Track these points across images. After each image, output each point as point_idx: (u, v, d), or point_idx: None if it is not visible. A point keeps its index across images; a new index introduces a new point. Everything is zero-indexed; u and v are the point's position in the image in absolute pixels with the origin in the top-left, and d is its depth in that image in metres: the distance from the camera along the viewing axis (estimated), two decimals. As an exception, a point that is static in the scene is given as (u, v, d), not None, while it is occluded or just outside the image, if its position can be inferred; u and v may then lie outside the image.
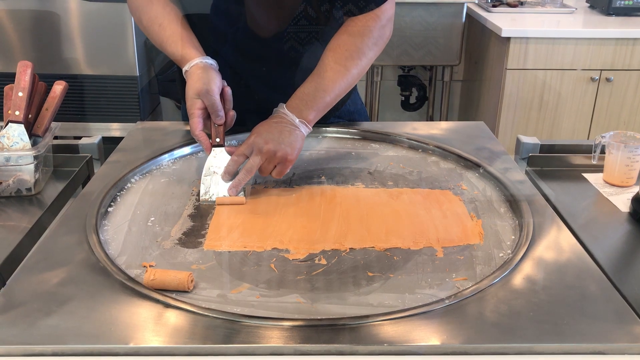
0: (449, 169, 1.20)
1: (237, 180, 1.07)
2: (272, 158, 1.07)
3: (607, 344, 0.72)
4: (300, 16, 1.29)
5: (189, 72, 1.13)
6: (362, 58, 1.17)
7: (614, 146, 1.15)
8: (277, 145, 1.06)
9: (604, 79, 2.71)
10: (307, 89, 1.14)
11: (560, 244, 0.92)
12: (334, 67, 1.15)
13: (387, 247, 0.92)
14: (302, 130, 1.12)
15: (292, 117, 1.11)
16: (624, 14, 2.90)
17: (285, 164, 1.08)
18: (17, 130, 1.10)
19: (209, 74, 1.11)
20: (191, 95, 1.10)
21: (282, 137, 1.08)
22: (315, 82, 1.14)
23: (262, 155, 1.06)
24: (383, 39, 1.21)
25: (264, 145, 1.06)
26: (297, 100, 1.14)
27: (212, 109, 1.10)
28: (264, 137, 1.07)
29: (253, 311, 0.77)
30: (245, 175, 1.06)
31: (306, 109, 1.12)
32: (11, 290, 0.80)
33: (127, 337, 0.71)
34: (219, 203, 1.05)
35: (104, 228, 0.97)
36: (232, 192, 1.07)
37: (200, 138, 1.10)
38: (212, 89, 1.09)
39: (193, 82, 1.11)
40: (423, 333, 0.73)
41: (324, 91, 1.14)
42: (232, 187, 1.07)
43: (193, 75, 1.12)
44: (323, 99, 1.14)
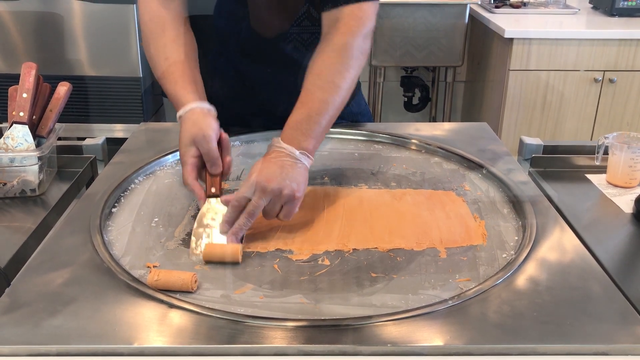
0: (452, 169, 1.20)
1: (237, 226, 0.93)
2: (278, 198, 0.94)
3: (610, 345, 0.72)
4: (303, 17, 1.29)
5: (184, 117, 1.04)
6: (350, 70, 1.07)
7: (617, 147, 1.15)
8: (281, 182, 0.94)
9: (607, 80, 2.71)
10: (298, 116, 1.02)
11: (564, 245, 0.92)
12: (322, 86, 1.05)
13: (391, 248, 0.92)
14: (305, 163, 0.99)
15: (292, 149, 0.98)
16: (627, 14, 2.90)
17: (293, 203, 0.95)
18: (22, 131, 1.10)
19: (206, 120, 1.02)
20: (185, 142, 1.01)
21: (284, 172, 0.95)
22: (307, 107, 1.03)
23: (266, 196, 0.93)
24: (366, 49, 1.11)
25: (267, 184, 0.93)
26: (291, 131, 1.01)
27: (208, 157, 1.00)
28: (264, 175, 0.94)
29: (256, 311, 0.77)
30: (247, 220, 0.93)
31: (304, 139, 1.00)
32: (16, 290, 0.80)
33: (131, 337, 0.72)
34: (207, 258, 0.89)
35: (108, 229, 0.97)
36: (232, 240, 0.92)
37: (194, 188, 1.00)
38: (209, 135, 1.00)
39: (188, 127, 1.01)
40: (426, 334, 0.73)
41: (318, 114, 1.02)
42: (231, 235, 0.93)
43: (188, 121, 1.03)
44: (318, 123, 1.02)
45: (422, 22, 2.86)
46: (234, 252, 0.88)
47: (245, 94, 1.21)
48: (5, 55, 2.61)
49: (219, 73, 1.20)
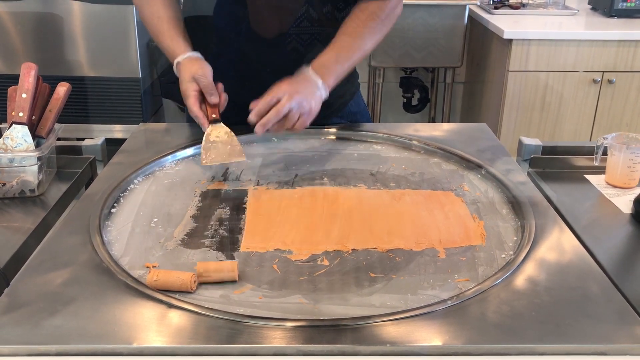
0: (451, 170, 1.21)
1: (266, 118, 1.11)
2: (300, 107, 1.13)
3: (609, 345, 0.72)
4: (302, 18, 1.30)
5: (182, 62, 1.21)
6: (375, 36, 1.28)
7: (616, 148, 1.15)
8: (305, 96, 1.14)
9: (606, 81, 2.71)
10: (327, 56, 1.22)
11: (563, 246, 0.93)
12: (349, 40, 1.25)
13: (390, 248, 0.92)
14: (322, 93, 1.19)
15: (316, 78, 1.18)
16: (626, 15, 2.90)
17: (309, 117, 1.15)
18: (21, 131, 1.10)
19: (201, 63, 1.20)
20: (187, 79, 1.18)
21: (307, 91, 1.16)
22: (335, 52, 1.23)
23: (294, 101, 1.12)
24: (393, 17, 1.30)
25: (295, 93, 1.13)
26: (319, 65, 1.21)
27: (207, 90, 1.17)
28: (294, 87, 1.14)
29: (256, 312, 0.77)
30: (275, 115, 1.11)
31: (327, 74, 1.20)
32: (15, 290, 0.80)
33: (130, 337, 0.72)
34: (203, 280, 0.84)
35: (108, 229, 0.98)
36: (260, 130, 1.11)
37: (198, 115, 1.16)
38: (206, 71, 1.17)
39: (188, 68, 1.18)
40: (425, 333, 0.73)
41: (344, 59, 1.23)
42: (260, 125, 1.11)
43: (187, 64, 1.20)
44: (342, 67, 1.23)
45: (421, 23, 2.86)
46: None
47: (245, 94, 1.22)
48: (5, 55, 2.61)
49: (219, 73, 1.21)
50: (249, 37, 1.30)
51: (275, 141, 1.33)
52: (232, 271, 0.84)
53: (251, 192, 1.11)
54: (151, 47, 2.72)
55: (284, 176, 1.17)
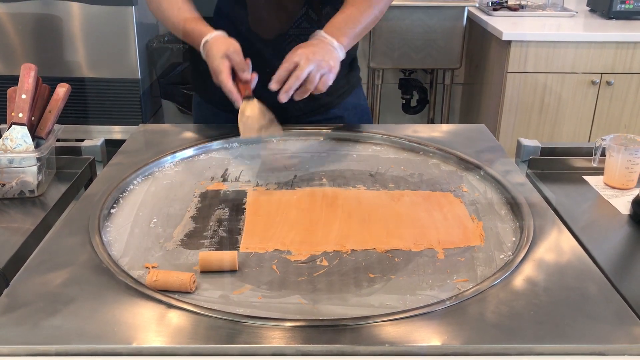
0: (449, 171, 1.21)
1: (287, 84, 1.14)
2: (319, 67, 1.15)
3: (607, 345, 0.72)
4: (301, 19, 1.30)
5: (211, 41, 1.21)
6: (381, 1, 1.31)
7: (614, 149, 1.16)
8: (323, 56, 1.16)
9: (604, 82, 2.72)
10: (339, 18, 1.26)
11: (561, 246, 0.93)
12: (359, 6, 1.28)
13: (389, 249, 0.93)
14: (339, 53, 1.21)
15: (331, 39, 1.21)
16: (624, 17, 2.91)
17: (330, 75, 1.17)
18: (21, 132, 1.11)
19: (231, 40, 1.21)
20: (219, 55, 1.18)
21: (324, 51, 1.18)
22: (345, 14, 1.26)
23: (311, 63, 1.14)
24: None
25: (312, 55, 1.15)
26: (332, 28, 1.24)
27: (239, 66, 1.18)
28: (311, 49, 1.17)
29: (255, 312, 0.77)
30: (295, 80, 1.13)
31: (341, 35, 1.23)
32: (15, 290, 0.81)
33: (130, 338, 0.72)
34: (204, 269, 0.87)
35: (107, 229, 0.98)
36: (283, 98, 1.14)
37: (232, 90, 1.17)
38: (238, 48, 1.19)
39: (219, 45, 1.19)
40: (424, 334, 0.73)
41: (355, 22, 1.26)
42: (283, 92, 1.14)
43: (217, 41, 1.20)
44: (354, 28, 1.26)
45: (420, 24, 2.86)
46: (232, 259, 0.87)
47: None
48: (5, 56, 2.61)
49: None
50: (249, 38, 1.30)
51: (274, 142, 1.33)
52: (232, 259, 0.86)
53: (250, 192, 1.11)
54: (150, 48, 2.72)
55: (283, 177, 1.17)
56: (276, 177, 1.17)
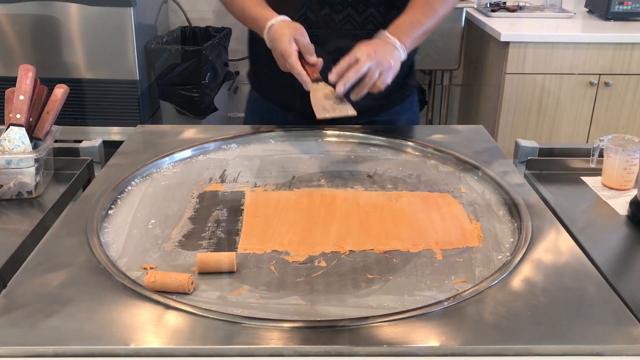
0: (448, 172, 1.21)
1: (346, 77, 1.16)
2: (379, 64, 1.17)
3: (605, 346, 0.72)
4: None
5: (276, 25, 1.22)
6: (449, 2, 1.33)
7: (612, 150, 1.16)
8: (384, 55, 1.19)
9: (602, 83, 2.72)
10: (403, 20, 1.27)
11: (559, 247, 0.93)
12: (423, 6, 1.30)
13: (387, 250, 0.93)
14: (401, 53, 1.23)
15: (394, 40, 1.23)
16: (622, 18, 2.91)
17: (389, 73, 1.19)
18: (19, 133, 1.10)
19: (297, 24, 1.23)
20: (286, 39, 1.19)
21: (386, 50, 1.21)
22: (410, 16, 1.28)
23: (372, 59, 1.16)
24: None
25: (373, 53, 1.17)
26: (395, 29, 1.26)
27: (306, 49, 1.20)
28: (372, 47, 1.19)
29: (253, 313, 0.77)
30: (354, 74, 1.15)
31: (404, 36, 1.25)
32: (12, 292, 0.80)
33: (127, 339, 0.72)
34: (202, 270, 0.87)
35: (105, 230, 0.98)
36: (340, 88, 1.15)
37: (301, 72, 1.19)
38: (304, 32, 1.21)
39: (286, 29, 1.21)
40: (422, 334, 0.73)
41: (419, 24, 1.27)
42: (341, 83, 1.15)
43: (283, 25, 1.22)
44: (417, 30, 1.27)
45: (418, 25, 2.86)
46: (230, 261, 0.87)
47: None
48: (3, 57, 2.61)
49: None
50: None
51: (272, 143, 1.33)
52: (231, 260, 0.86)
53: (248, 193, 1.11)
54: (149, 49, 2.72)
55: (281, 178, 1.17)
56: (274, 178, 1.17)
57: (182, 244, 0.94)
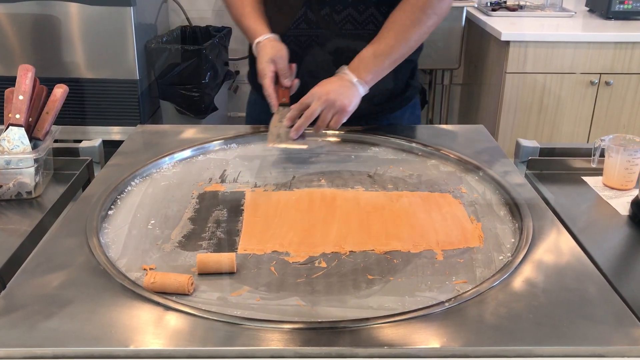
0: (448, 172, 1.21)
1: (297, 123, 1.18)
2: (331, 107, 1.18)
3: (606, 347, 0.72)
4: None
5: (262, 43, 1.26)
6: (422, 27, 1.26)
7: (613, 149, 1.15)
8: (336, 96, 1.18)
9: (603, 83, 2.72)
10: (366, 53, 1.24)
11: (560, 247, 0.92)
12: (394, 35, 1.25)
13: (387, 250, 0.92)
14: (360, 89, 1.22)
15: (351, 76, 1.22)
16: (623, 17, 2.91)
17: (342, 114, 1.19)
18: (18, 133, 1.10)
19: (280, 45, 1.26)
20: (266, 59, 1.23)
21: (341, 89, 1.20)
22: (375, 47, 1.24)
23: (322, 103, 1.17)
24: (443, 8, 1.27)
25: (325, 94, 1.18)
26: (357, 62, 1.24)
27: (282, 72, 1.23)
28: (325, 88, 1.19)
29: (253, 314, 0.77)
30: (305, 120, 1.18)
31: (364, 71, 1.23)
32: (12, 293, 0.80)
33: (127, 340, 0.72)
34: (202, 271, 0.87)
35: (105, 231, 0.97)
36: (294, 135, 1.18)
37: (272, 94, 1.22)
38: (285, 54, 1.24)
39: (268, 50, 1.24)
40: (423, 336, 0.73)
41: (383, 55, 1.24)
42: (293, 130, 1.18)
43: (267, 45, 1.25)
44: (382, 63, 1.24)
45: (419, 24, 2.86)
46: (230, 261, 0.87)
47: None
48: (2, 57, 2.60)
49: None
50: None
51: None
52: (231, 261, 0.85)
53: (248, 194, 1.11)
54: (149, 48, 2.72)
55: (282, 178, 1.17)
56: (274, 178, 1.17)
57: (182, 245, 0.94)
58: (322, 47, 1.31)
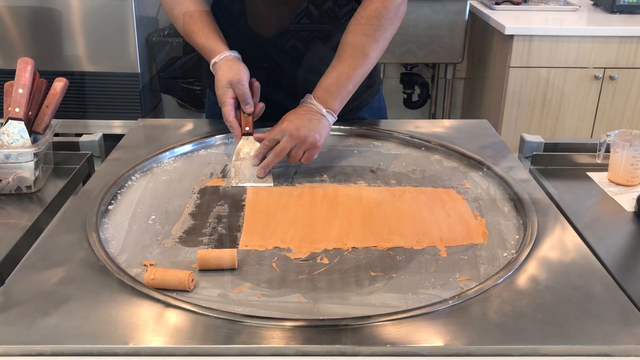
0: (452, 167, 1.19)
1: (266, 161, 1.12)
2: (302, 144, 1.12)
3: (612, 346, 0.71)
4: (302, 14, 1.28)
5: (219, 64, 1.18)
6: (380, 40, 1.20)
7: (619, 145, 1.14)
8: (307, 132, 1.12)
9: (607, 77, 2.70)
10: (329, 80, 1.18)
11: (565, 244, 0.91)
12: (353, 54, 1.18)
13: (390, 247, 0.91)
14: (329, 120, 1.17)
15: (319, 107, 1.16)
16: (628, 11, 2.89)
17: (314, 150, 1.14)
18: (17, 127, 1.09)
19: (238, 66, 1.17)
20: (223, 84, 1.16)
21: (311, 124, 1.13)
22: (337, 72, 1.18)
23: (293, 140, 1.11)
24: (398, 16, 1.22)
25: (295, 131, 1.11)
26: (321, 92, 1.18)
27: (242, 98, 1.16)
28: (295, 123, 1.12)
29: (254, 311, 0.76)
30: (275, 158, 1.12)
31: (331, 99, 1.17)
32: (10, 289, 0.79)
33: (126, 337, 0.71)
34: (203, 267, 0.88)
35: (104, 226, 0.96)
36: (261, 173, 1.12)
37: (233, 125, 1.16)
38: (242, 78, 1.15)
39: (224, 73, 1.16)
40: (426, 334, 0.72)
41: (346, 79, 1.18)
42: (261, 168, 1.12)
43: (223, 67, 1.17)
44: (346, 87, 1.18)
45: (422, 19, 2.84)
46: (231, 257, 0.86)
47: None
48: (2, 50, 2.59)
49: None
50: (248, 35, 1.28)
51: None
52: (232, 257, 0.85)
53: (250, 189, 1.10)
54: (150, 42, 2.70)
55: (283, 173, 1.16)
56: (276, 173, 1.15)
57: (182, 240, 0.93)
58: (324, 42, 1.29)
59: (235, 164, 1.14)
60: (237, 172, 1.13)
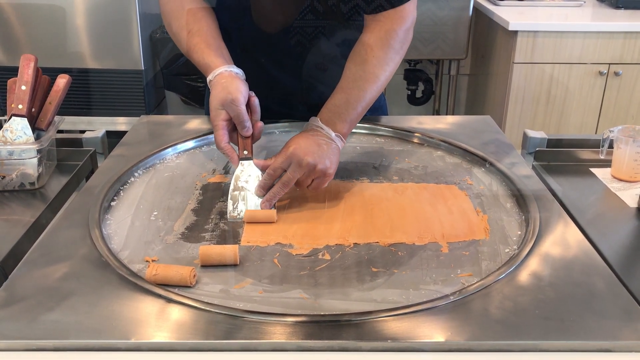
0: (454, 163, 1.19)
1: (271, 193, 1.01)
2: (312, 172, 1.01)
3: (614, 342, 0.71)
4: (306, 10, 1.28)
5: (213, 81, 1.07)
6: (390, 64, 1.15)
7: (622, 141, 1.14)
8: (316, 159, 1.01)
9: (612, 73, 2.69)
10: (338, 101, 1.10)
11: (567, 240, 0.91)
12: (363, 75, 1.12)
13: (392, 243, 0.91)
14: (338, 144, 1.07)
15: (328, 130, 1.06)
16: (632, 7, 2.87)
17: (324, 179, 1.03)
18: (21, 123, 1.10)
19: (234, 83, 1.05)
20: (215, 105, 1.04)
21: (320, 150, 1.03)
22: (346, 93, 1.10)
23: (302, 169, 1.00)
24: (407, 42, 1.19)
25: (304, 157, 1.00)
26: (329, 114, 1.09)
27: (237, 120, 1.04)
28: (302, 149, 1.01)
29: (256, 307, 0.76)
30: (281, 189, 1.01)
31: (340, 122, 1.08)
32: (13, 284, 0.80)
33: (129, 333, 0.71)
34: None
35: (107, 222, 0.97)
36: (266, 206, 1.01)
37: (227, 151, 1.04)
38: (237, 98, 1.03)
39: (217, 92, 1.05)
40: (427, 329, 0.72)
41: (356, 101, 1.10)
42: (265, 201, 1.01)
43: (217, 85, 1.06)
44: (355, 110, 1.10)
45: (427, 15, 2.84)
46: (233, 253, 0.86)
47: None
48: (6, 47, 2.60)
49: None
50: (252, 31, 1.28)
51: (277, 134, 1.31)
52: (233, 253, 0.85)
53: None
54: (154, 38, 2.70)
55: (286, 169, 1.16)
56: (279, 170, 1.15)
57: (184, 236, 0.93)
58: (329, 39, 1.29)
59: (234, 194, 1.01)
60: (236, 205, 1.00)
